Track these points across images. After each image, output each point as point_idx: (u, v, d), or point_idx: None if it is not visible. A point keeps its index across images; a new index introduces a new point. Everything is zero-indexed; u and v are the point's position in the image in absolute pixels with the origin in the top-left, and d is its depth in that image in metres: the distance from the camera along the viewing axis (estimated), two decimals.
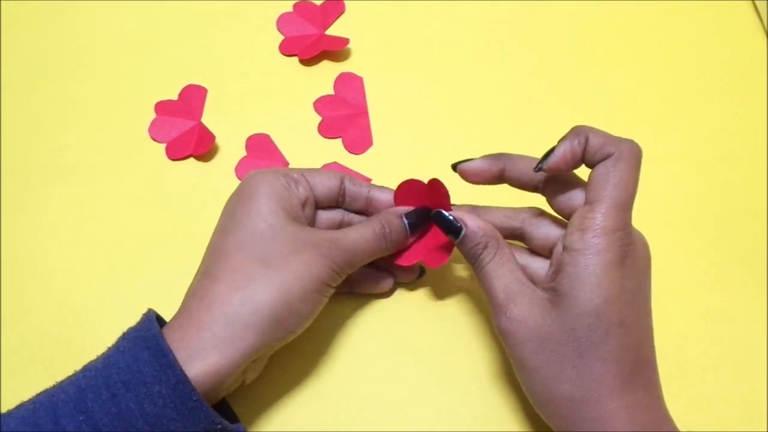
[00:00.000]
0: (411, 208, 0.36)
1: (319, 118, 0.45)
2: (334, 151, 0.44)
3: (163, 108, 0.46)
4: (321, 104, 0.46)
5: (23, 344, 0.38)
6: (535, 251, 0.35)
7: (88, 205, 0.43)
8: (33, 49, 0.49)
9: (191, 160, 0.44)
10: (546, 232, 0.34)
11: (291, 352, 0.36)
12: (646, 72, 0.47)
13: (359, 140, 0.44)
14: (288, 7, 0.50)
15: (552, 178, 0.33)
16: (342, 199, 0.36)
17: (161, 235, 0.41)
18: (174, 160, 0.44)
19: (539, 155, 0.43)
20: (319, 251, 0.32)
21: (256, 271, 0.30)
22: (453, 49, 0.48)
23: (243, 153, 0.44)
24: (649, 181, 0.43)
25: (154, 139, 0.45)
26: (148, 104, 0.46)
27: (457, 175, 0.35)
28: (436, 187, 0.35)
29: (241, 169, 0.43)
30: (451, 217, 0.33)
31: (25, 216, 0.42)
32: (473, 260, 0.33)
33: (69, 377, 0.29)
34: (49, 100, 0.46)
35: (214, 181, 0.43)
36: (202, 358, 0.29)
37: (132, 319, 0.39)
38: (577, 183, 0.32)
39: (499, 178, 0.34)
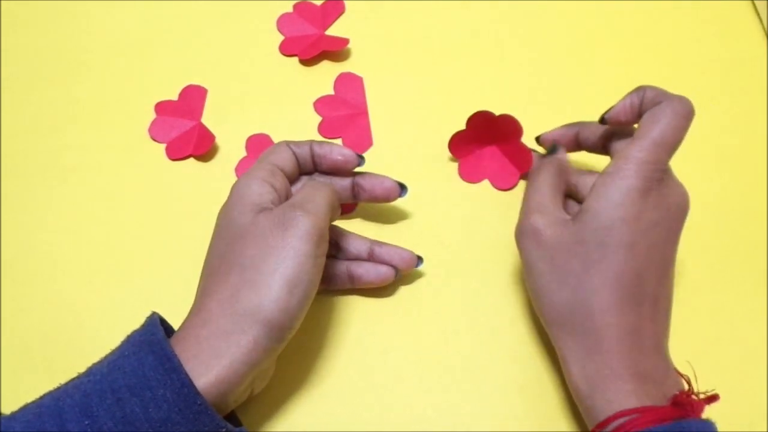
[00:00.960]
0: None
1: (319, 118, 0.45)
2: None
3: (163, 108, 0.46)
4: (321, 104, 0.46)
5: (23, 344, 0.38)
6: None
7: (89, 205, 0.43)
8: (33, 49, 0.49)
9: (191, 160, 0.44)
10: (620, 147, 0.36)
11: (292, 354, 0.36)
12: (646, 72, 0.47)
13: (359, 140, 0.45)
14: (288, 7, 0.50)
15: (616, 137, 0.35)
16: (314, 163, 0.37)
17: (161, 235, 0.41)
18: (174, 160, 0.44)
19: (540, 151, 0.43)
20: (283, 223, 0.31)
21: (237, 279, 0.31)
22: (453, 49, 0.48)
23: (243, 153, 0.44)
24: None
25: (154, 139, 0.45)
26: (148, 104, 0.46)
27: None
28: (508, 121, 0.40)
29: (241, 169, 0.43)
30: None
31: (25, 216, 0.42)
32: (532, 171, 0.37)
33: (73, 380, 0.29)
34: (49, 100, 0.46)
35: (214, 181, 0.43)
36: (204, 371, 0.29)
37: (132, 318, 0.39)
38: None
39: (576, 143, 0.39)
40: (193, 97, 0.46)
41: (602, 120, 0.35)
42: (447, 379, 0.37)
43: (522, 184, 0.43)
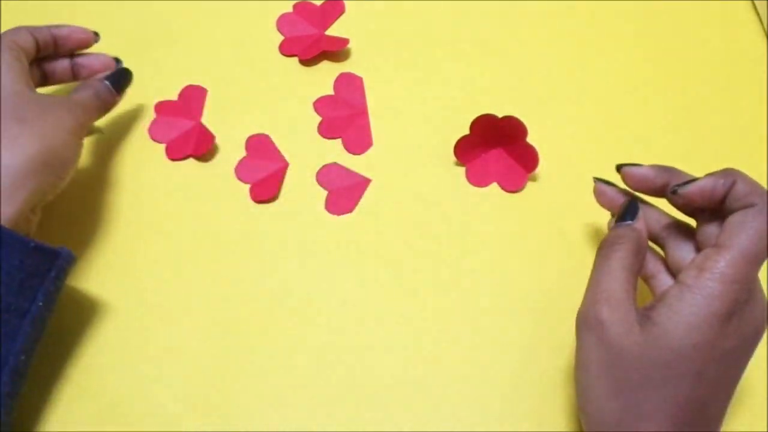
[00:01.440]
0: (110, 73, 0.42)
1: (319, 118, 0.45)
2: (334, 151, 0.44)
3: (163, 108, 0.46)
4: (321, 104, 0.46)
5: None
6: (666, 266, 0.34)
7: (88, 205, 0.43)
8: None
9: (191, 160, 0.44)
10: (680, 255, 0.32)
11: (288, 354, 0.36)
12: (645, 72, 0.47)
13: (359, 140, 0.44)
14: (288, 7, 0.50)
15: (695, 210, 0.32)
16: (42, 49, 0.40)
17: (161, 235, 0.41)
18: (174, 160, 0.44)
19: (542, 154, 0.43)
20: (64, 109, 0.36)
21: (15, 129, 0.33)
22: (453, 49, 0.48)
23: (243, 153, 0.44)
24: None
25: (154, 139, 0.45)
26: (148, 104, 0.46)
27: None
28: (512, 123, 0.40)
29: (241, 169, 0.43)
30: (638, 205, 0.33)
31: None
32: (605, 243, 0.32)
33: None
34: None
35: (214, 181, 0.43)
36: None
37: (132, 318, 0.39)
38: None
39: (661, 191, 0.33)
40: (193, 97, 0.46)
41: (674, 191, 0.31)
42: (449, 381, 0.37)
43: (530, 185, 0.43)
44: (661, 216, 0.34)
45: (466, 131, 0.42)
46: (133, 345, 0.36)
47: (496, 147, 0.43)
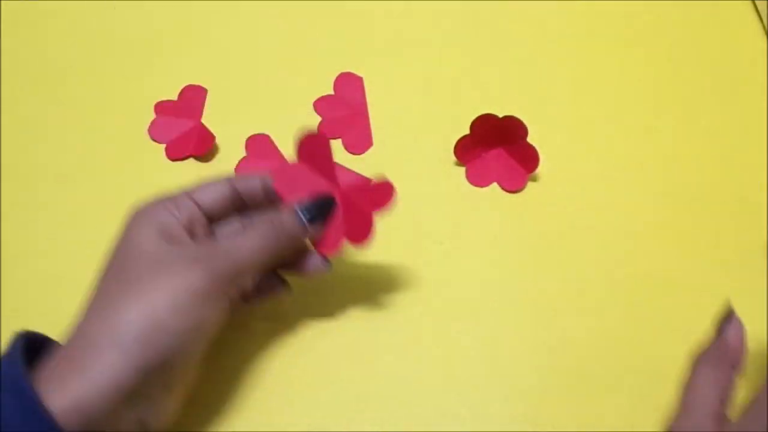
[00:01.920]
0: (305, 199, 0.33)
1: (319, 118, 0.45)
2: (334, 151, 0.44)
3: (163, 108, 0.46)
4: (321, 104, 0.46)
5: None
6: None
7: (88, 205, 0.43)
8: (33, 49, 0.49)
9: (191, 160, 0.44)
10: None
11: (288, 354, 0.36)
12: (645, 72, 0.47)
13: (359, 140, 0.44)
14: (288, 7, 0.50)
15: None
16: (240, 203, 0.34)
17: None
18: (174, 160, 0.44)
19: (542, 154, 0.42)
20: (192, 262, 0.29)
21: (117, 292, 0.28)
22: (453, 49, 0.48)
23: (243, 153, 0.44)
24: (648, 180, 0.43)
25: (154, 140, 0.45)
26: (148, 104, 0.46)
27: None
28: (512, 123, 0.39)
29: (241, 169, 0.43)
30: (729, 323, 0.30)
31: (25, 217, 0.42)
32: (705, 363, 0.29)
33: None
34: (49, 100, 0.46)
35: None
36: (68, 391, 0.26)
37: None
38: None
39: None
40: (193, 97, 0.46)
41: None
42: (447, 381, 0.37)
43: (530, 185, 0.43)
44: None
45: (466, 131, 0.42)
46: None
47: (496, 147, 0.43)
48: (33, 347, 0.28)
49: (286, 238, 0.32)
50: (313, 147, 0.35)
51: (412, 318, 0.39)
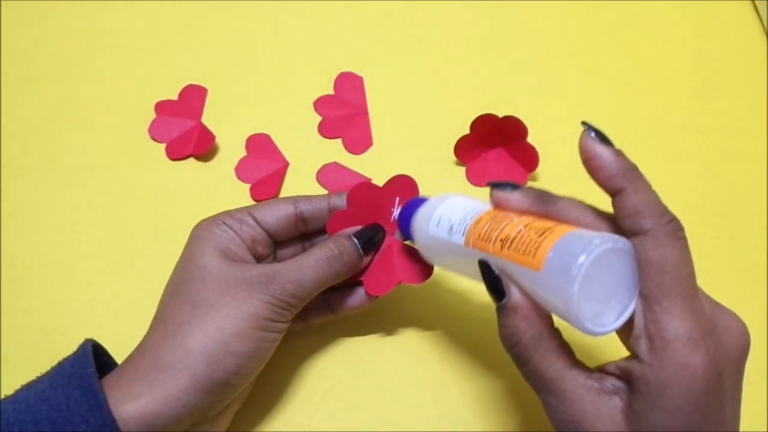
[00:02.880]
0: (359, 228, 0.34)
1: (319, 118, 0.45)
2: (334, 151, 0.44)
3: (163, 108, 0.46)
4: (321, 104, 0.46)
5: (23, 344, 0.38)
6: None
7: (88, 204, 0.43)
8: (33, 49, 0.49)
9: (191, 160, 0.44)
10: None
11: (288, 356, 0.36)
12: (645, 72, 0.47)
13: (359, 140, 0.44)
14: (289, 7, 0.50)
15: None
16: (303, 224, 0.35)
17: (161, 236, 0.41)
18: (174, 160, 0.44)
19: (542, 154, 0.42)
20: (256, 287, 0.30)
21: (185, 315, 0.30)
22: (453, 49, 0.48)
23: (243, 153, 0.44)
24: (648, 180, 0.43)
25: (154, 139, 0.45)
26: (148, 104, 0.46)
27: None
28: (512, 123, 0.38)
29: (241, 169, 0.43)
30: (496, 272, 0.27)
31: (25, 216, 0.42)
32: (510, 349, 0.28)
33: (4, 400, 0.28)
34: (49, 100, 0.46)
35: (214, 181, 0.43)
36: (132, 400, 0.28)
37: (132, 318, 0.39)
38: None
39: (538, 210, 0.28)
40: (193, 97, 0.46)
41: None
42: (448, 381, 0.37)
43: (531, 185, 0.43)
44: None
45: (466, 131, 0.42)
46: (134, 342, 0.36)
47: (496, 147, 0.43)
48: (96, 354, 0.30)
49: (344, 265, 0.33)
50: (364, 195, 0.34)
51: (413, 318, 0.39)
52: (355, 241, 0.33)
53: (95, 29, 0.49)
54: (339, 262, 0.32)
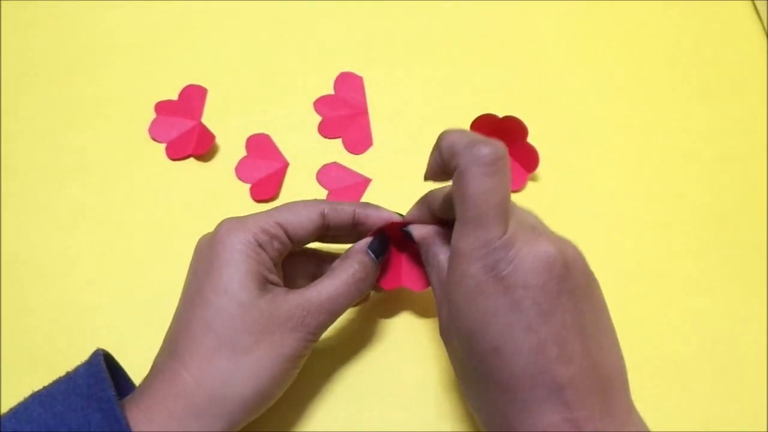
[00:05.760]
0: (370, 239, 0.34)
1: (319, 118, 0.45)
2: (334, 151, 0.44)
3: (163, 108, 0.46)
4: (321, 104, 0.46)
5: (23, 344, 0.38)
6: None
7: (88, 205, 0.43)
8: (33, 49, 0.49)
9: (191, 160, 0.44)
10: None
11: None
12: (645, 72, 0.47)
13: (359, 140, 0.44)
14: (289, 8, 0.50)
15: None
16: (325, 232, 0.34)
17: (161, 235, 0.41)
18: (174, 160, 0.44)
19: (542, 154, 0.42)
20: (291, 324, 0.30)
21: (224, 361, 0.29)
22: (453, 49, 0.48)
23: (243, 153, 0.44)
24: (649, 180, 0.43)
25: (154, 139, 0.45)
26: (148, 104, 0.46)
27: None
28: (512, 123, 0.39)
29: (241, 169, 0.43)
30: (408, 229, 0.33)
31: (25, 216, 0.42)
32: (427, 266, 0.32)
33: (13, 417, 0.27)
34: (49, 100, 0.46)
35: (214, 181, 0.43)
36: None
37: (132, 318, 0.39)
38: None
39: (432, 218, 0.33)
40: (193, 97, 0.46)
41: (426, 178, 0.31)
42: (448, 381, 0.37)
43: (531, 185, 0.43)
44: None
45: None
46: (135, 342, 0.36)
47: None
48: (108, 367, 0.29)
49: (369, 282, 0.33)
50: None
51: (413, 317, 0.39)
52: (372, 255, 0.33)
53: (95, 29, 0.49)
54: (365, 281, 0.33)
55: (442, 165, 0.28)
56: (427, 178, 0.31)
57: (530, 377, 0.25)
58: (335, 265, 0.33)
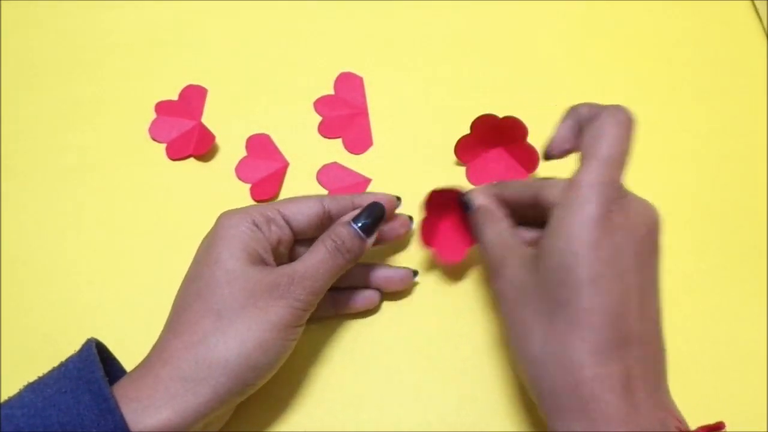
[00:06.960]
0: (357, 212, 0.34)
1: (319, 118, 0.45)
2: (334, 151, 0.44)
3: (163, 108, 0.46)
4: (321, 104, 0.46)
5: (23, 344, 0.38)
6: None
7: (89, 205, 0.43)
8: (33, 49, 0.49)
9: (191, 160, 0.44)
10: (554, 194, 0.32)
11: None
12: (645, 72, 0.47)
13: (359, 140, 0.44)
14: (288, 7, 0.50)
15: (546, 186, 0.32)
16: (329, 223, 0.35)
17: (161, 235, 0.41)
18: (174, 160, 0.44)
19: (541, 153, 0.42)
20: (277, 292, 0.31)
21: (210, 325, 0.30)
22: (453, 49, 0.48)
23: (243, 153, 0.44)
24: (649, 180, 0.43)
25: (154, 139, 0.45)
26: (148, 104, 0.46)
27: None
28: (512, 123, 0.39)
29: (241, 169, 0.43)
30: (465, 197, 0.36)
31: (25, 216, 0.42)
32: (474, 231, 0.35)
33: (7, 405, 0.28)
34: (49, 100, 0.46)
35: (214, 181, 0.43)
36: (152, 413, 0.28)
37: (132, 318, 0.39)
38: None
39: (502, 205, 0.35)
40: (193, 97, 0.46)
41: (546, 155, 0.32)
42: (448, 381, 0.37)
43: None
44: (521, 184, 0.35)
45: (466, 131, 0.42)
46: (134, 342, 0.36)
47: (496, 147, 0.43)
48: (98, 352, 0.30)
49: (348, 252, 0.33)
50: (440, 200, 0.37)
51: (413, 317, 0.39)
52: (354, 226, 0.34)
53: (95, 29, 0.49)
54: (343, 251, 0.33)
55: (576, 128, 0.31)
56: (552, 150, 0.32)
57: (608, 322, 0.26)
58: (320, 237, 0.34)
